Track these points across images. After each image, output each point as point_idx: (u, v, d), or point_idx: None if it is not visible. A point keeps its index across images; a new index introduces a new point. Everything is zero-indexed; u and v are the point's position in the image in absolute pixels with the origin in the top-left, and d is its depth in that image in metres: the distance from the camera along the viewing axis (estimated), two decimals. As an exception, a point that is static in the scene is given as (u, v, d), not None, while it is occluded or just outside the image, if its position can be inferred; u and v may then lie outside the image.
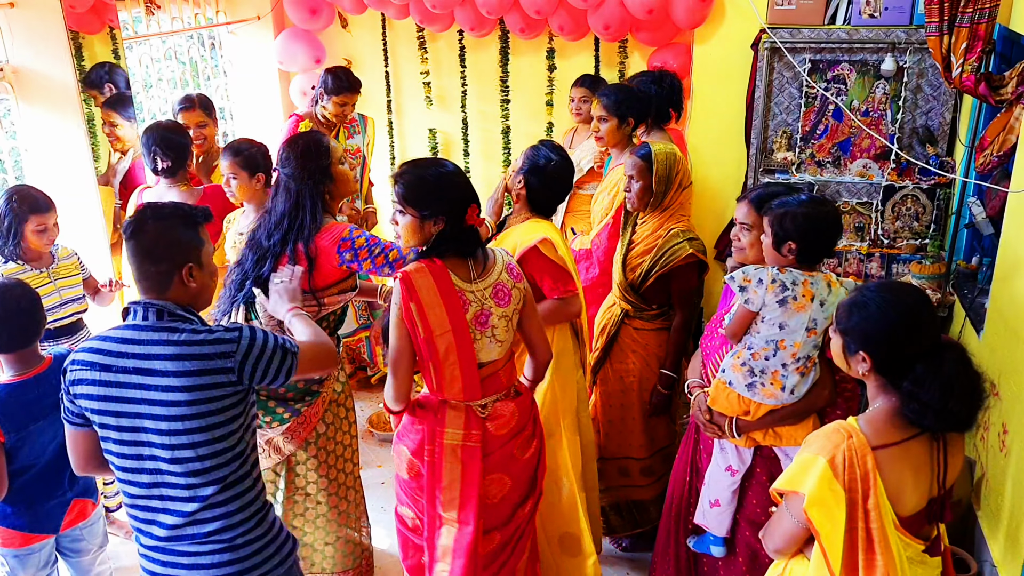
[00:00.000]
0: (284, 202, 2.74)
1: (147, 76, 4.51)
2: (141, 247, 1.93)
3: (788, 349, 2.36)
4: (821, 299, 2.34)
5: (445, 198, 2.30)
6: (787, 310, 2.33)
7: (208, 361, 1.89)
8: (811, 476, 1.75)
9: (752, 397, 2.43)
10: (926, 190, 4.05)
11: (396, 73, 5.29)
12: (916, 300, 1.81)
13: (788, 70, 4.19)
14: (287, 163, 2.74)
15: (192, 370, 1.87)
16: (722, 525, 2.61)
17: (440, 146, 5.38)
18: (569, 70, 4.89)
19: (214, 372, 1.89)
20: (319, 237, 2.71)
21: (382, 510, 3.76)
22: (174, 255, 1.94)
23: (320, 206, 2.76)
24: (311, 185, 2.73)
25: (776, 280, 2.32)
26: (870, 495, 1.72)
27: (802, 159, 4.31)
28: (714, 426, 2.54)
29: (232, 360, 1.91)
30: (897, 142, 4.13)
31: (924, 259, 3.99)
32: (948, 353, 1.75)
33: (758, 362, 2.40)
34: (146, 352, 1.88)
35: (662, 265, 2.99)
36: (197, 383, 1.88)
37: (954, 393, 1.71)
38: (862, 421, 1.80)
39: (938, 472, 1.80)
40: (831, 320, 2.35)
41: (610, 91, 3.46)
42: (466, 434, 2.44)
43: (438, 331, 2.31)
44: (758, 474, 2.56)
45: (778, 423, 2.46)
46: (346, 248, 2.71)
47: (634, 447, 3.25)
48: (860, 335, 1.81)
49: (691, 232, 3.02)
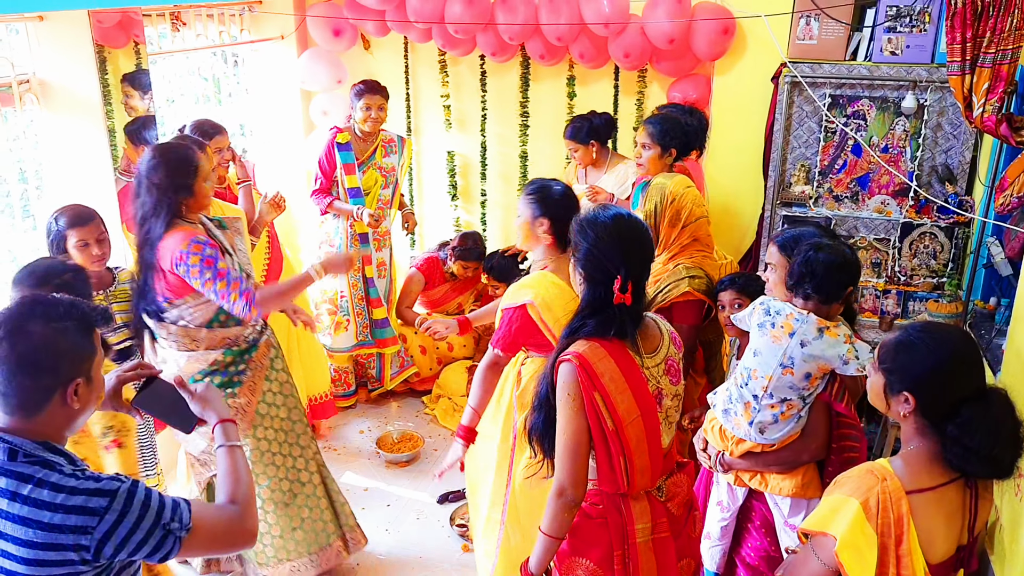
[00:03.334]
0: (145, 205, 2.76)
1: (170, 91, 4.56)
2: (17, 355, 1.47)
3: (759, 380, 2.33)
4: (803, 339, 2.27)
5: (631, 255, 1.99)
6: (764, 336, 2.31)
7: (57, 534, 1.46)
8: (843, 518, 1.71)
9: (725, 423, 2.42)
10: (944, 228, 4.03)
11: (416, 95, 5.33)
12: (964, 343, 1.78)
13: (808, 104, 4.19)
14: (155, 170, 2.73)
15: (35, 542, 1.45)
16: (713, 560, 2.58)
17: (458, 168, 5.40)
18: (588, 97, 4.92)
19: (61, 548, 1.47)
20: (162, 243, 2.73)
21: (385, 531, 3.74)
22: (61, 368, 1.51)
23: (176, 215, 2.77)
24: (171, 195, 2.74)
25: (764, 303, 2.34)
26: (903, 540, 1.69)
27: (820, 193, 4.30)
28: (705, 455, 2.53)
29: (89, 537, 1.48)
30: (916, 179, 4.12)
31: (941, 298, 3.96)
32: (994, 398, 1.72)
33: (736, 389, 2.39)
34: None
35: (660, 301, 3.02)
36: (39, 558, 1.46)
37: (999, 439, 1.68)
38: (897, 463, 1.75)
39: (969, 519, 1.77)
40: (818, 369, 2.29)
41: (657, 120, 3.48)
42: (655, 525, 2.10)
43: (628, 419, 1.97)
44: (753, 517, 2.52)
45: (762, 467, 2.41)
46: (180, 261, 2.70)
47: None
48: (906, 375, 1.76)
49: (696, 269, 3.00)
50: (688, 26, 4.31)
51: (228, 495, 1.71)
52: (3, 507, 1.47)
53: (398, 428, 4.59)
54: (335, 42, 5.02)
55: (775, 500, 2.44)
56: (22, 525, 1.46)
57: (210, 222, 2.93)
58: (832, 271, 2.28)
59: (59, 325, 1.51)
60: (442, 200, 5.50)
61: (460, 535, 3.71)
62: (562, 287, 2.61)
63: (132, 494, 1.54)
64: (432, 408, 4.89)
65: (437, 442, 4.56)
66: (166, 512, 1.57)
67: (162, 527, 1.55)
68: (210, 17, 4.60)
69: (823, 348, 2.27)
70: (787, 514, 2.40)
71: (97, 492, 1.50)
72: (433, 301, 5.15)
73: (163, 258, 2.72)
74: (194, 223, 2.83)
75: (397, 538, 3.74)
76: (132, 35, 3.83)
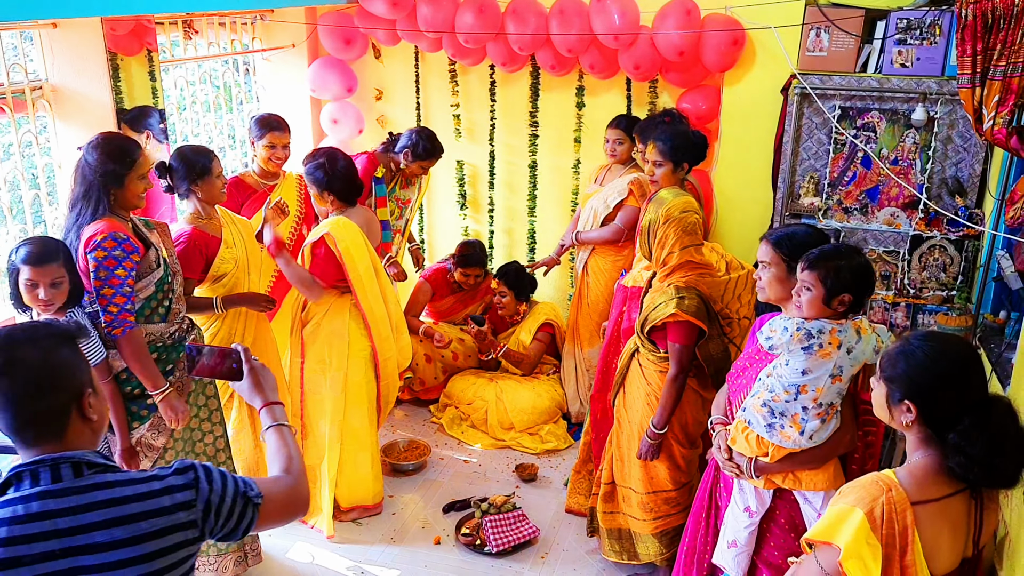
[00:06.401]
0: (79, 185, 2.77)
1: (181, 99, 4.59)
2: (22, 384, 1.44)
3: (810, 394, 2.33)
4: (848, 347, 2.30)
5: None
6: (812, 357, 2.30)
7: (168, 516, 1.48)
8: (847, 528, 1.70)
9: (771, 439, 2.40)
10: (954, 241, 4.02)
11: (427, 104, 5.34)
12: (965, 351, 1.78)
13: (817, 116, 4.19)
14: (92, 151, 2.76)
15: (151, 532, 1.46)
16: (739, 566, 2.56)
17: (467, 178, 5.41)
18: (598, 108, 4.93)
19: (176, 529, 1.49)
20: (87, 227, 2.74)
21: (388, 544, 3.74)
22: (66, 385, 1.49)
23: (105, 204, 2.77)
24: (102, 182, 2.75)
25: (801, 329, 2.30)
26: (907, 551, 1.68)
27: (829, 205, 4.29)
28: (733, 464, 2.51)
29: (194, 511, 1.52)
30: (926, 192, 4.11)
31: (950, 311, 3.94)
32: (996, 407, 1.71)
33: (779, 404, 2.37)
34: (75, 524, 1.41)
35: (652, 320, 3.04)
36: (159, 547, 1.47)
37: (1002, 448, 1.67)
38: (902, 474, 1.75)
39: (973, 532, 1.76)
40: (858, 367, 2.32)
41: (667, 136, 3.46)
42: None
43: None
44: (777, 517, 2.52)
45: (798, 467, 2.42)
46: (91, 249, 2.70)
47: (634, 479, 3.28)
48: (907, 384, 1.76)
49: (688, 291, 3.00)
50: (698, 37, 4.32)
51: (281, 467, 1.76)
52: (96, 518, 1.43)
53: (405, 437, 4.59)
54: (346, 51, 5.04)
55: (805, 496, 2.45)
56: (128, 526, 1.44)
57: (139, 222, 2.93)
58: (872, 275, 2.35)
59: (46, 344, 1.48)
60: (451, 209, 5.51)
61: (465, 544, 3.71)
62: (348, 223, 3.58)
63: (206, 468, 1.58)
64: (439, 417, 4.89)
65: (444, 451, 4.56)
66: (239, 483, 1.61)
67: (242, 496, 1.59)
68: (222, 25, 4.63)
69: (864, 349, 2.31)
70: (820, 507, 2.40)
71: (177, 472, 1.54)
72: (440, 312, 5.16)
73: (83, 241, 2.74)
74: (123, 219, 2.83)
75: (401, 549, 3.74)
76: (145, 43, 3.86)
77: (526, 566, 3.61)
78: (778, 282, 2.48)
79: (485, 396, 4.75)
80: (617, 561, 3.43)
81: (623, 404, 3.31)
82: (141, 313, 2.89)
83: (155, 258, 2.89)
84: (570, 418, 4.82)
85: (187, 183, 3.25)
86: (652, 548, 3.29)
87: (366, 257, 3.65)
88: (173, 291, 2.99)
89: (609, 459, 3.40)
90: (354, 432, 3.81)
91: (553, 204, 5.29)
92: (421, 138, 4.43)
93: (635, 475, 3.27)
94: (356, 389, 3.77)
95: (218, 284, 3.38)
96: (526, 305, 5.08)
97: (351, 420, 3.79)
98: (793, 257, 2.41)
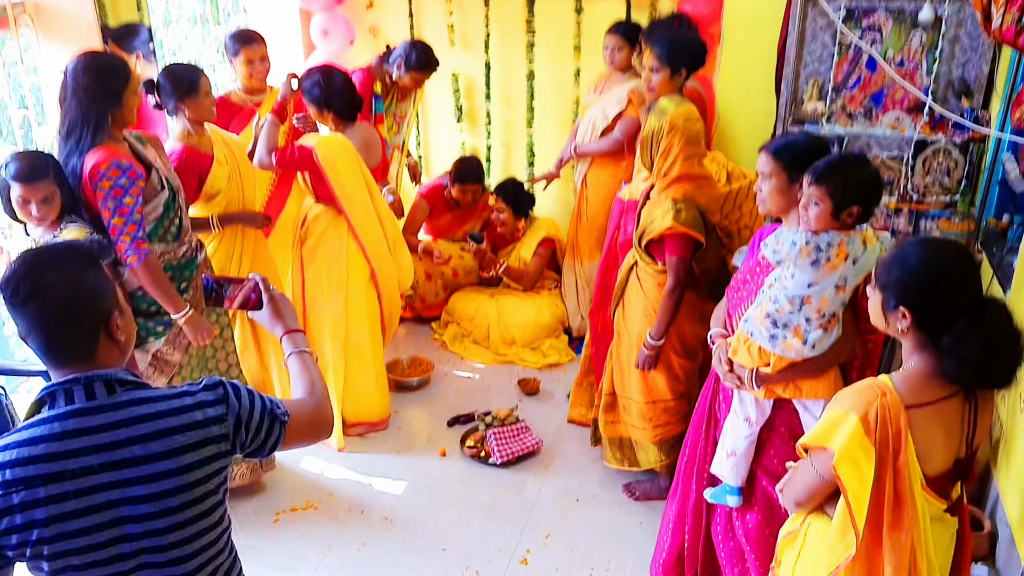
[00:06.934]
0: (73, 110, 2.70)
1: (167, 12, 4.45)
2: (48, 311, 1.45)
3: (814, 305, 2.33)
4: (855, 257, 2.28)
5: None
6: (819, 270, 2.28)
7: (201, 430, 1.52)
8: (841, 432, 1.73)
9: (773, 350, 2.40)
10: (959, 145, 3.95)
11: (419, 13, 5.18)
12: (958, 254, 1.76)
13: (822, 17, 4.07)
14: (83, 74, 2.68)
15: (186, 445, 1.49)
16: (738, 475, 2.61)
17: (463, 90, 5.30)
18: (597, 14, 4.77)
19: (210, 443, 1.53)
20: (89, 155, 2.70)
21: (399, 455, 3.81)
22: (94, 307, 1.49)
23: (104, 127, 2.72)
24: (100, 103, 2.69)
25: (810, 243, 2.26)
26: (900, 453, 1.70)
27: (833, 110, 4.21)
28: (734, 376, 2.53)
29: (226, 426, 1.55)
30: (932, 95, 4.02)
31: (953, 216, 3.92)
32: (990, 309, 1.71)
33: (782, 316, 2.37)
34: (112, 439, 1.45)
35: (650, 233, 3.01)
36: (195, 460, 1.51)
37: (995, 349, 1.67)
38: (897, 379, 1.76)
39: (968, 433, 1.78)
40: (861, 277, 2.31)
41: (664, 42, 3.36)
42: None
43: None
44: (777, 426, 2.55)
45: (799, 376, 2.44)
46: (96, 179, 2.67)
47: (634, 389, 3.32)
48: (901, 290, 1.75)
49: (685, 203, 2.96)
50: (699, -63, 4.16)
51: (305, 391, 1.77)
52: (132, 433, 1.46)
53: (408, 354, 4.62)
54: (334, -41, 4.87)
55: (805, 405, 2.47)
56: (163, 439, 1.47)
57: (133, 138, 2.88)
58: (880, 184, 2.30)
59: (73, 268, 1.49)
60: (448, 124, 5.41)
61: (470, 456, 3.78)
62: (338, 140, 3.59)
63: (234, 385, 1.60)
64: (441, 334, 4.92)
65: (446, 367, 4.60)
66: (267, 401, 1.63)
67: (269, 413, 1.62)
68: (205, -65, 4.46)
69: (869, 258, 2.29)
70: (820, 415, 2.43)
71: (207, 388, 1.56)
72: (438, 229, 5.12)
73: (86, 170, 2.70)
74: (119, 141, 2.79)
75: (408, 460, 3.81)
76: (127, -45, 3.72)
77: (530, 475, 3.68)
78: (779, 193, 2.42)
79: (486, 312, 4.77)
80: (618, 468, 3.51)
81: (622, 317, 3.32)
82: (154, 234, 2.89)
83: (158, 180, 2.87)
84: (571, 333, 4.85)
85: (175, 100, 3.17)
86: (652, 455, 3.36)
87: (355, 176, 3.60)
88: (181, 208, 2.99)
89: (609, 371, 3.44)
90: (358, 350, 3.84)
91: (552, 116, 5.19)
92: (415, 49, 4.33)
93: (635, 385, 3.31)
94: (357, 309, 3.78)
95: (212, 203, 3.34)
96: (525, 221, 5.05)
97: (354, 339, 3.82)
98: (794, 167, 2.35)
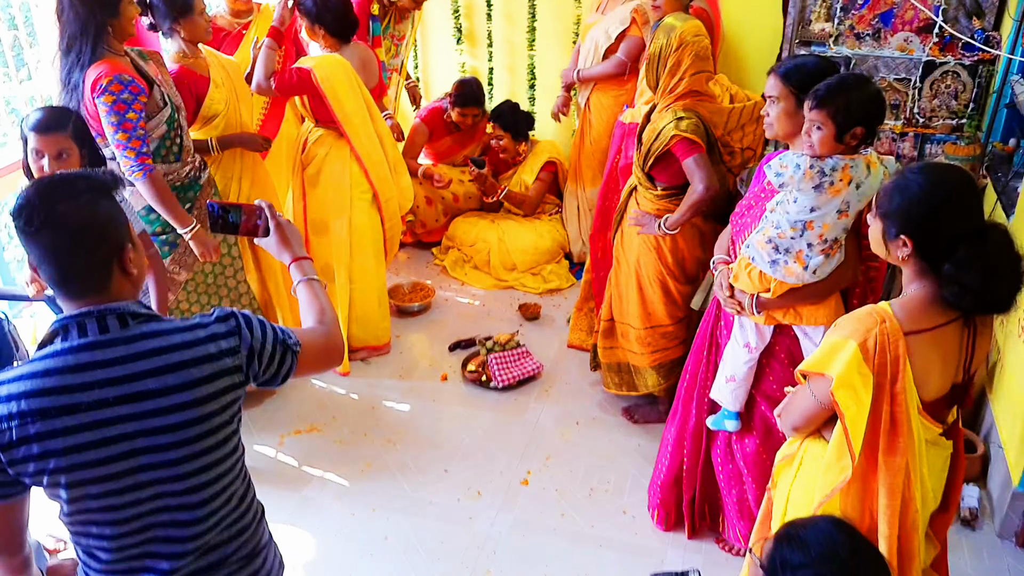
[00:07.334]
0: (72, 24, 2.67)
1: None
2: (62, 240, 1.43)
3: (816, 230, 2.32)
4: (858, 182, 2.26)
5: None
6: (822, 195, 2.26)
7: (215, 362, 1.52)
8: (840, 359, 1.74)
9: (774, 275, 2.40)
10: (968, 67, 3.87)
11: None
12: (959, 180, 1.75)
13: (832, -67, 3.94)
14: None
15: (201, 377, 1.50)
16: (737, 400, 2.64)
17: (463, 9, 5.15)
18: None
19: (223, 374, 1.53)
20: (90, 70, 2.67)
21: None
22: (108, 238, 1.48)
23: (103, 39, 2.69)
24: (97, 14, 2.65)
25: (815, 167, 2.24)
26: (898, 380, 1.72)
27: (840, 31, 4.11)
28: (734, 301, 2.54)
29: (239, 357, 1.55)
30: (942, 14, 3.92)
31: (959, 139, 3.86)
32: (991, 234, 1.70)
33: (784, 240, 2.36)
34: (127, 372, 1.45)
35: (656, 150, 2.97)
36: (209, 391, 1.51)
37: (996, 275, 1.67)
38: (896, 306, 1.76)
39: (965, 358, 1.79)
40: (864, 203, 2.29)
41: None
42: None
43: None
44: (776, 352, 2.57)
45: (799, 302, 2.44)
46: (98, 94, 2.65)
47: (632, 315, 3.34)
48: (902, 218, 1.74)
49: (684, 112, 2.91)
50: None
51: (315, 319, 1.76)
52: (147, 366, 1.46)
53: (409, 279, 4.63)
54: None
55: (805, 331, 2.49)
56: (178, 372, 1.48)
57: (135, 54, 2.84)
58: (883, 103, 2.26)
59: (86, 198, 1.46)
60: (447, 45, 5.29)
61: (472, 381, 3.82)
62: (338, 60, 3.55)
63: (246, 316, 1.59)
64: (442, 259, 4.92)
65: (447, 293, 4.62)
66: (278, 331, 1.63)
67: (281, 343, 1.61)
68: None
69: (872, 183, 2.26)
70: (820, 341, 2.45)
71: (219, 319, 1.55)
72: (438, 153, 5.07)
73: (88, 84, 2.67)
74: (120, 54, 2.75)
75: (410, 384, 3.86)
76: None
77: (531, 399, 3.73)
78: (787, 116, 2.38)
79: (487, 237, 4.76)
80: (617, 393, 3.55)
81: (621, 243, 3.32)
82: (157, 154, 2.90)
83: (160, 96, 2.85)
84: (572, 258, 4.85)
85: (170, 21, 3.10)
86: (651, 380, 3.40)
87: (355, 97, 3.55)
88: (182, 127, 2.98)
89: (608, 296, 3.45)
90: (361, 274, 3.85)
91: (554, 37, 5.06)
92: None
93: (632, 311, 3.32)
94: (360, 232, 3.77)
95: (209, 125, 3.31)
96: (527, 144, 4.99)
97: (357, 262, 3.82)
98: (803, 89, 2.30)
